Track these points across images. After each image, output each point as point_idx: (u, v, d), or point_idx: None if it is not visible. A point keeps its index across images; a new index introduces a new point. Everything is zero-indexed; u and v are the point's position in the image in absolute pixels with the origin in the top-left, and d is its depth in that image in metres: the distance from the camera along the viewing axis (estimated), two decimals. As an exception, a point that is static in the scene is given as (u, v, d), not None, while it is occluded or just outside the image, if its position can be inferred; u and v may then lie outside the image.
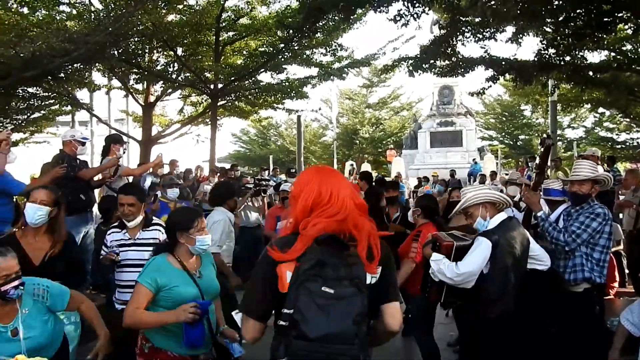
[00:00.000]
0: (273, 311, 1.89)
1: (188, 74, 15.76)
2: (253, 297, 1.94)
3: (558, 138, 34.09)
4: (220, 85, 15.80)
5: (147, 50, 15.07)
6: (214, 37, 14.97)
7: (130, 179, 6.97)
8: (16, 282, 2.60)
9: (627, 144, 31.58)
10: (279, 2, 14.16)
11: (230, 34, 15.65)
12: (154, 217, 4.29)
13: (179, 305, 2.81)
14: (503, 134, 38.71)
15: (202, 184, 10.65)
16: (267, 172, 15.67)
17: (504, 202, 3.58)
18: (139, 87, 17.08)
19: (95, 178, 6.28)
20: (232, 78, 15.44)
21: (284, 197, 7.53)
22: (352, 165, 25.92)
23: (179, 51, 15.03)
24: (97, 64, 13.46)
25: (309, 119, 38.28)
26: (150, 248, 3.62)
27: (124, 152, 6.57)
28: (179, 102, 19.56)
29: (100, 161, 6.55)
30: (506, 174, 25.08)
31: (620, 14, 8.29)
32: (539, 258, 3.58)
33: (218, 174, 11.85)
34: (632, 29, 9.98)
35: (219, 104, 16.53)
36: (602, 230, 3.93)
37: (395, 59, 11.10)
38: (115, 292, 4.08)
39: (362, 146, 37.32)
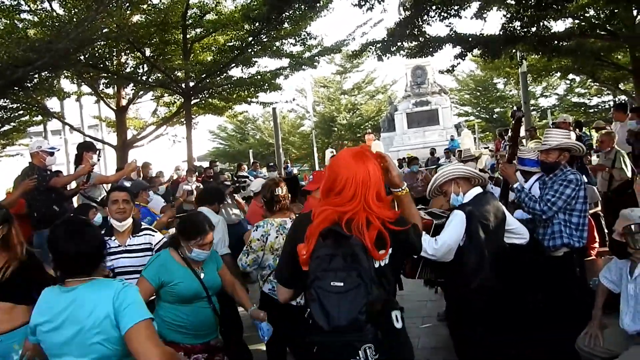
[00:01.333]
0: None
1: (158, 75, 15.56)
2: (280, 266, 2.29)
3: (532, 107, 34.57)
4: (192, 84, 15.66)
5: (114, 53, 14.84)
6: (182, 35, 14.82)
7: (107, 187, 6.91)
8: None
9: (600, 107, 32.13)
10: (244, -6, 14.03)
11: (198, 30, 15.51)
12: (142, 222, 4.11)
13: (182, 300, 3.04)
14: (478, 108, 39.10)
15: (181, 184, 10.57)
16: (245, 167, 15.60)
17: (475, 176, 3.62)
18: (110, 91, 16.80)
19: (69, 187, 6.21)
20: (203, 75, 15.29)
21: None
22: (332, 152, 25.92)
23: (147, 52, 14.84)
24: (64, 71, 13.21)
25: (286, 110, 38.27)
26: (142, 254, 3.62)
27: (98, 159, 6.49)
28: (152, 103, 19.35)
29: (74, 170, 6.48)
30: (485, 147, 25.53)
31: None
32: (517, 231, 3.62)
33: (196, 173, 11.76)
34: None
35: (192, 102, 16.41)
36: (577, 196, 3.99)
37: (363, 44, 11.11)
38: None
39: (341, 133, 37.38)
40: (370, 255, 1.91)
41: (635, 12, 12.94)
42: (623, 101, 24.28)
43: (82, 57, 12.41)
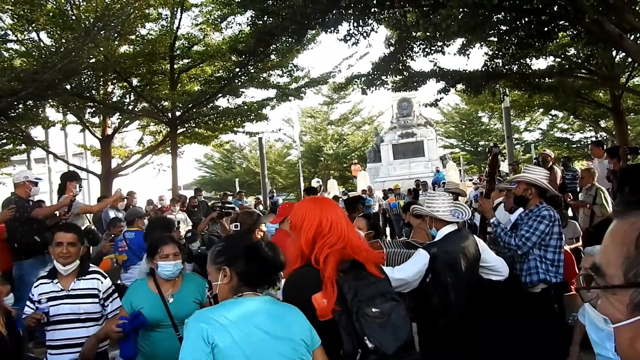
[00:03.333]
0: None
1: (145, 104, 15.62)
2: None
3: (516, 141, 35.16)
4: (178, 113, 15.72)
5: (101, 83, 14.90)
6: (169, 66, 14.93)
7: (90, 216, 6.86)
8: None
9: (582, 142, 32.74)
10: (231, 27, 14.26)
11: (185, 61, 15.66)
12: (91, 265, 3.67)
13: (149, 326, 2.98)
14: (463, 141, 39.63)
15: (165, 214, 10.50)
16: (231, 196, 15.57)
17: (441, 216, 3.60)
18: (95, 120, 16.79)
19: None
20: (190, 105, 15.39)
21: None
22: (318, 182, 26.00)
23: (134, 82, 14.93)
24: (49, 101, 13.20)
25: (273, 139, 38.44)
26: (88, 300, 3.34)
27: (80, 189, 6.46)
28: (137, 132, 19.33)
29: (57, 199, 6.43)
30: (470, 180, 25.81)
31: (558, 23, 8.67)
32: (495, 269, 3.61)
33: (180, 202, 11.69)
34: (570, 36, 10.45)
35: (178, 131, 16.43)
36: (551, 232, 4.03)
37: (348, 77, 11.31)
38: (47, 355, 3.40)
39: (327, 162, 37.55)
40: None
41: (614, 53, 13.35)
42: (601, 138, 24.90)
43: (68, 87, 12.42)
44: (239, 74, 14.92)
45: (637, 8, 9.23)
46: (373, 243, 3.81)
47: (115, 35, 12.31)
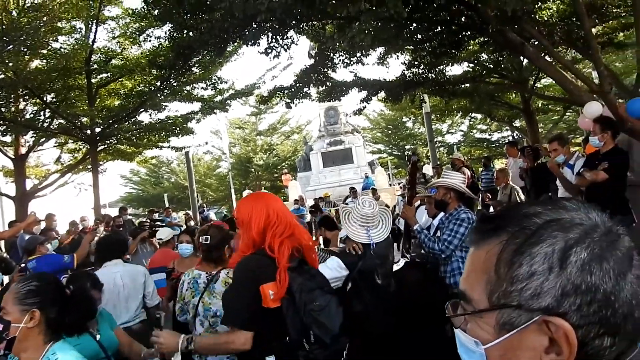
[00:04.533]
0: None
1: (61, 121, 14.89)
2: (237, 310, 2.27)
3: (440, 144, 36.61)
4: (98, 130, 15.12)
5: (11, 100, 14.05)
6: (86, 81, 14.33)
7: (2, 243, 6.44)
8: None
9: (500, 142, 34.59)
10: (150, 41, 13.90)
11: (103, 75, 15.09)
12: None
13: None
14: (390, 146, 40.71)
15: (90, 235, 10.01)
16: (157, 213, 15.15)
17: (355, 238, 3.66)
18: (7, 139, 15.80)
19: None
20: (111, 121, 14.85)
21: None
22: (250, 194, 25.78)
23: (49, 98, 14.20)
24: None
25: (201, 152, 37.73)
26: None
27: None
28: (55, 150, 18.39)
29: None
30: (399, 183, 26.54)
31: (468, 32, 9.18)
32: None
33: (104, 223, 11.23)
34: (480, 43, 11.08)
35: (99, 148, 15.78)
36: (471, 233, 4.26)
37: (271, 90, 11.36)
38: None
39: (258, 173, 37.32)
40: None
41: (522, 58, 14.24)
42: (517, 137, 26.45)
43: (-27, 105, 11.65)
44: (161, 87, 14.58)
45: (536, 17, 10.01)
46: None
47: (25, 49, 11.68)
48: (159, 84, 14.49)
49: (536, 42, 8.08)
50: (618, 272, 0.72)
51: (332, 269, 3.43)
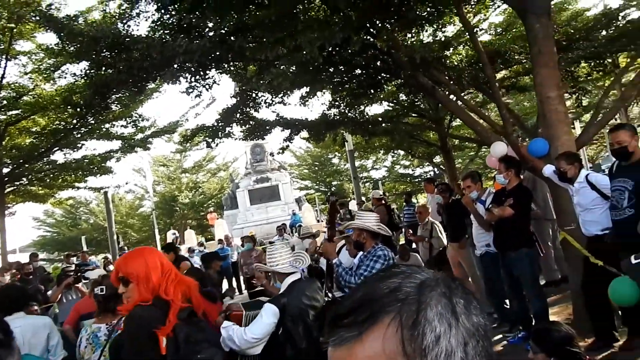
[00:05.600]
0: None
1: (-35, 160, 13.87)
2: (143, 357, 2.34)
3: (365, 179, 37.56)
4: (6, 170, 14.18)
5: None
6: (-6, 118, 13.53)
7: None
8: None
9: (422, 176, 36.03)
10: (65, 77, 13.37)
11: (13, 112, 14.27)
12: None
13: None
14: (317, 182, 41.27)
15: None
16: (75, 257, 14.32)
17: (280, 270, 3.80)
18: None
19: None
20: (21, 160, 14.01)
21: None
22: (174, 234, 25.07)
23: (-50, 136, 13.23)
24: None
25: (123, 191, 36.34)
26: None
27: None
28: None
29: None
30: (325, 220, 26.84)
31: (384, 75, 9.62)
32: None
33: (11, 271, 10.45)
34: (396, 85, 11.64)
35: (7, 190, 14.77)
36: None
37: (193, 129, 11.25)
38: None
39: (184, 212, 36.43)
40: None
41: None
42: (438, 172, 27.69)
43: None
44: (77, 125, 13.99)
45: (447, 62, 10.69)
46: (231, 305, 3.93)
47: None
48: (75, 121, 13.88)
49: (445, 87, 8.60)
50: (473, 307, 0.77)
51: (268, 317, 3.42)
